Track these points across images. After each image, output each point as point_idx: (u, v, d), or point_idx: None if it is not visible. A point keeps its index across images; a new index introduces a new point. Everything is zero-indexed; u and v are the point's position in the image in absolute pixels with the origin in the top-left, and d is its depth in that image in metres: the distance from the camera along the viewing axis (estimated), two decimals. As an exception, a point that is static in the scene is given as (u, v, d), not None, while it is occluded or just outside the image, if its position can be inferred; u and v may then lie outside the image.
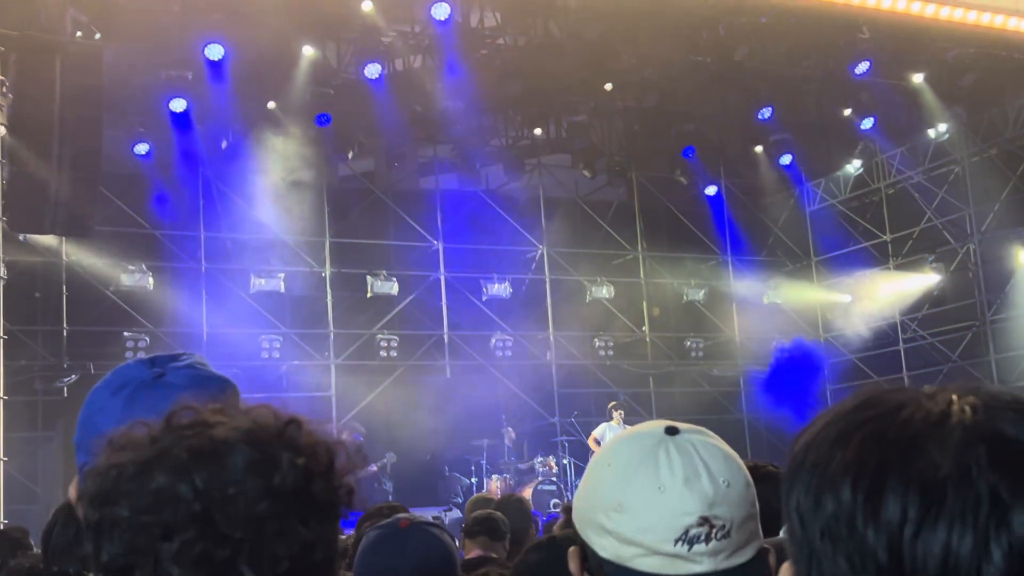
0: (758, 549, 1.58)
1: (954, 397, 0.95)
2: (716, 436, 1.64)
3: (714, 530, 1.51)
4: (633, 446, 1.60)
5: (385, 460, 15.80)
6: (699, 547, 1.51)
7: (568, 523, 4.34)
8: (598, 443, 16.79)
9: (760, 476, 2.75)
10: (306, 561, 1.22)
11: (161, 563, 1.17)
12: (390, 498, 15.57)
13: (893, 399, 0.97)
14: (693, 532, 1.51)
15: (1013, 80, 17.90)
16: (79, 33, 13.64)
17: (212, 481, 1.20)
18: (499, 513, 5.00)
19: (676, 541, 1.51)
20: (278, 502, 1.21)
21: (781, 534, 1.60)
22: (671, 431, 1.59)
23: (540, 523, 8.69)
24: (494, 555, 4.85)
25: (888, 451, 0.92)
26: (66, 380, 15.83)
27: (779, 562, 1.16)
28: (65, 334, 16.28)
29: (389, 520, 3.12)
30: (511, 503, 5.83)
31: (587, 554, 1.61)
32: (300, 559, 1.21)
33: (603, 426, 16.53)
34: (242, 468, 1.21)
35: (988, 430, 0.91)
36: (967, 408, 0.93)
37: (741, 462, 1.61)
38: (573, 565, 1.63)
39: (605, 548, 1.57)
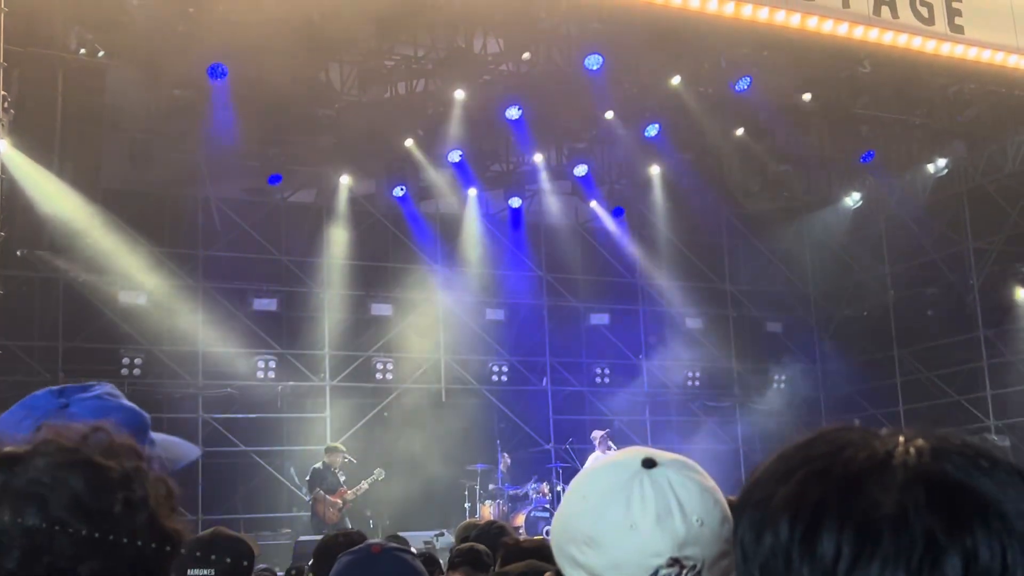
0: None
1: (901, 439, 0.94)
2: (697, 468, 1.62)
3: (684, 570, 1.50)
4: (608, 478, 1.58)
5: (374, 475, 15.77)
6: None
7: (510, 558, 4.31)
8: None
9: None
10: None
11: None
12: (371, 524, 15.55)
13: (842, 438, 0.96)
14: (663, 572, 1.50)
15: (1013, 116, 17.96)
16: (83, 50, 13.72)
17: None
18: (482, 545, 4.99)
19: None
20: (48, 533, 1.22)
21: None
22: (648, 464, 1.57)
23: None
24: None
25: (828, 489, 0.91)
26: (60, 397, 15.78)
27: None
28: (61, 350, 16.28)
29: (361, 546, 3.13)
30: (492, 530, 5.80)
31: None
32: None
33: (594, 455, 16.55)
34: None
35: (931, 473, 0.90)
36: (912, 450, 0.93)
37: (720, 497, 1.59)
38: None
39: None
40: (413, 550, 3.27)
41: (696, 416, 20.72)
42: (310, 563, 4.96)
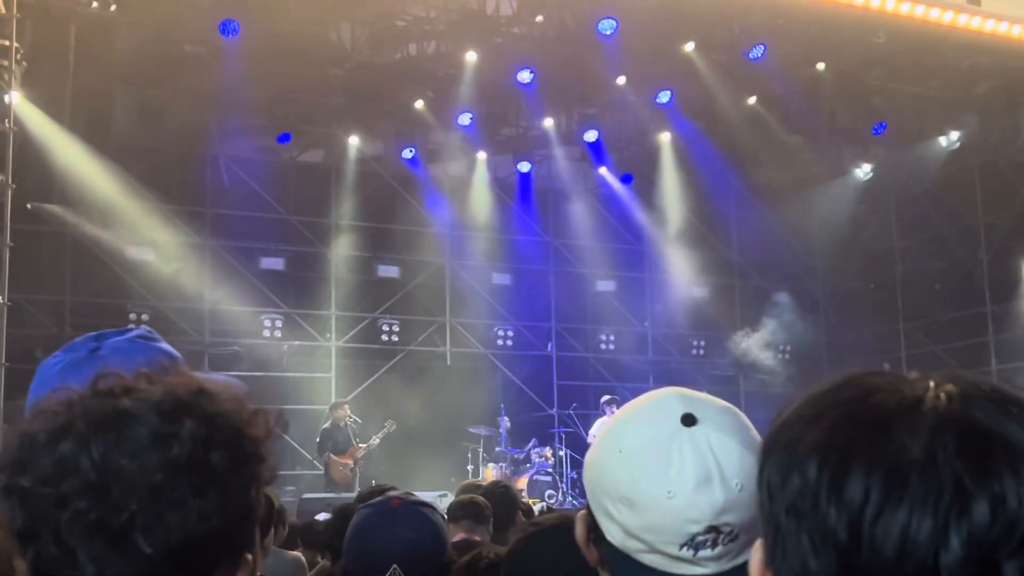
0: None
1: (931, 384, 0.94)
2: (738, 418, 1.58)
3: (722, 536, 1.48)
4: (646, 432, 1.54)
5: (386, 427, 15.86)
6: (705, 552, 1.48)
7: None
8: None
9: None
10: (202, 531, 1.22)
11: (60, 531, 1.19)
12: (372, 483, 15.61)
13: (871, 382, 0.96)
14: (700, 539, 1.48)
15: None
16: (95, 3, 13.65)
17: (109, 451, 1.21)
18: (481, 497, 5.01)
19: (682, 546, 1.48)
20: (173, 473, 1.21)
21: None
22: (688, 420, 1.53)
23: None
24: (477, 538, 4.87)
25: (857, 432, 0.91)
26: (65, 351, 15.82)
27: None
28: (68, 304, 16.32)
29: (380, 499, 3.13)
30: (497, 490, 5.85)
31: (595, 526, 1.58)
32: (195, 530, 1.21)
33: (599, 422, 16.61)
34: (142, 439, 1.21)
35: (960, 418, 0.90)
36: (942, 395, 0.92)
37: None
38: (580, 530, 1.61)
39: (612, 535, 1.55)
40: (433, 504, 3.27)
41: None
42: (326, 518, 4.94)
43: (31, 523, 1.21)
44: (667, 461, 1.49)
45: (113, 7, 13.73)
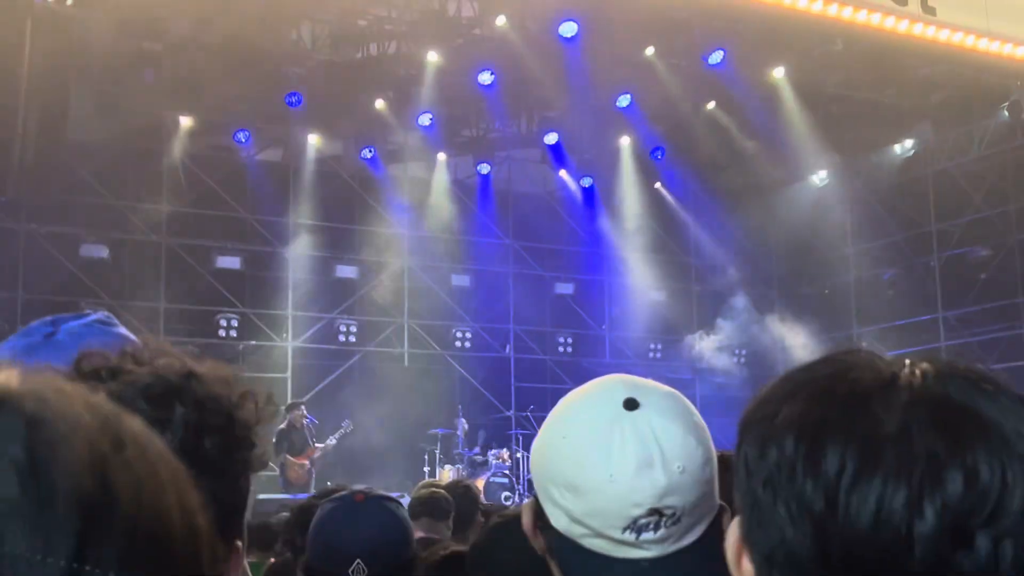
0: (710, 522, 1.55)
1: (907, 362, 0.97)
2: (681, 402, 1.60)
3: (664, 519, 1.49)
4: (588, 416, 1.55)
5: (343, 427, 15.77)
6: (647, 535, 1.49)
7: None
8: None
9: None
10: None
11: None
12: (328, 485, 15.52)
13: (848, 359, 0.99)
14: (642, 522, 1.49)
15: (981, 100, 18.10)
16: (51, -3, 13.49)
17: None
18: (442, 491, 4.97)
19: (624, 529, 1.49)
20: None
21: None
22: (630, 404, 1.54)
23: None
24: (436, 536, 4.84)
25: (833, 406, 0.94)
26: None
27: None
28: (20, 302, 16.09)
29: (344, 493, 3.11)
30: (458, 489, 5.83)
31: (542, 513, 1.59)
32: None
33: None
34: None
35: (934, 394, 0.93)
36: (918, 372, 0.95)
37: (703, 434, 1.57)
38: (527, 518, 1.61)
39: (558, 521, 1.56)
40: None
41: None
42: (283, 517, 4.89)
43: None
44: (608, 445, 1.50)
45: (70, 1, 13.56)
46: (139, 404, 1.18)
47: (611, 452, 1.50)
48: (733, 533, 1.04)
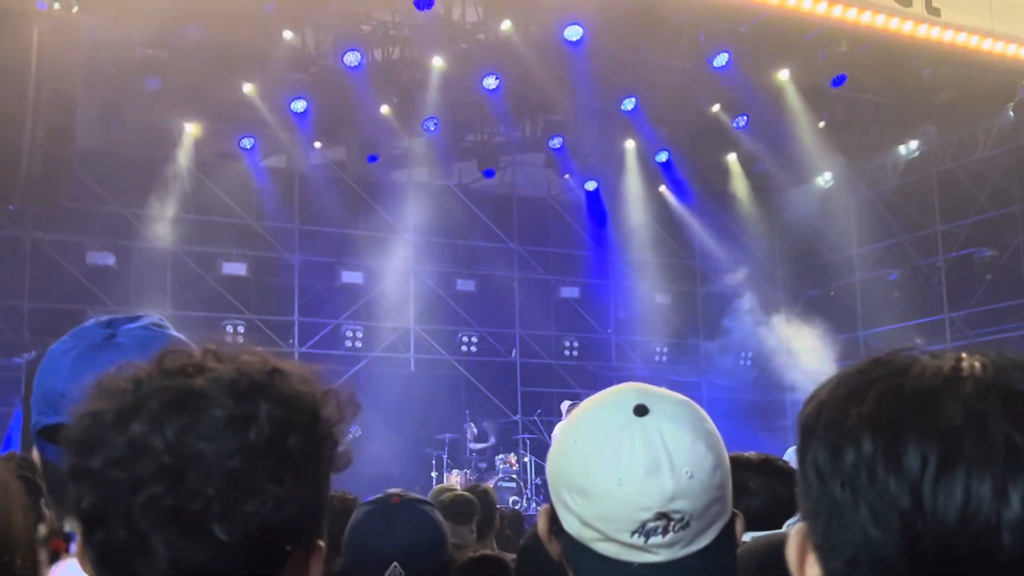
0: (721, 528, 1.57)
1: (963, 355, 0.99)
2: (692, 409, 1.62)
3: (672, 523, 1.51)
4: (599, 424, 1.58)
5: (351, 433, 15.69)
6: (656, 539, 1.51)
7: None
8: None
9: (772, 470, 2.77)
10: (279, 517, 1.17)
11: (132, 516, 1.14)
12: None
13: (902, 359, 1.01)
14: (650, 526, 1.51)
15: (985, 101, 18.09)
16: (57, 5, 13.48)
17: (184, 434, 1.15)
18: (469, 494, 4.96)
19: (633, 533, 1.51)
20: (251, 458, 1.16)
21: (785, 526, 1.61)
22: (640, 411, 1.57)
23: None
24: (460, 541, 4.82)
25: (904, 403, 0.95)
26: (25, 356, 15.64)
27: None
28: (27, 310, 16.09)
29: (380, 496, 3.12)
30: (476, 493, 5.81)
31: (556, 519, 1.62)
32: (272, 516, 1.17)
33: (559, 426, 16.69)
34: (218, 422, 1.17)
35: (999, 384, 0.95)
36: (977, 365, 0.97)
37: (715, 442, 1.59)
38: (542, 524, 1.64)
39: (569, 525, 1.58)
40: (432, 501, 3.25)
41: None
42: None
43: (100, 506, 1.16)
44: (618, 449, 1.53)
45: (75, 8, 13.57)
46: (224, 400, 1.18)
47: (620, 456, 1.53)
48: (795, 542, 1.04)
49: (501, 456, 17.07)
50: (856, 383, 1.00)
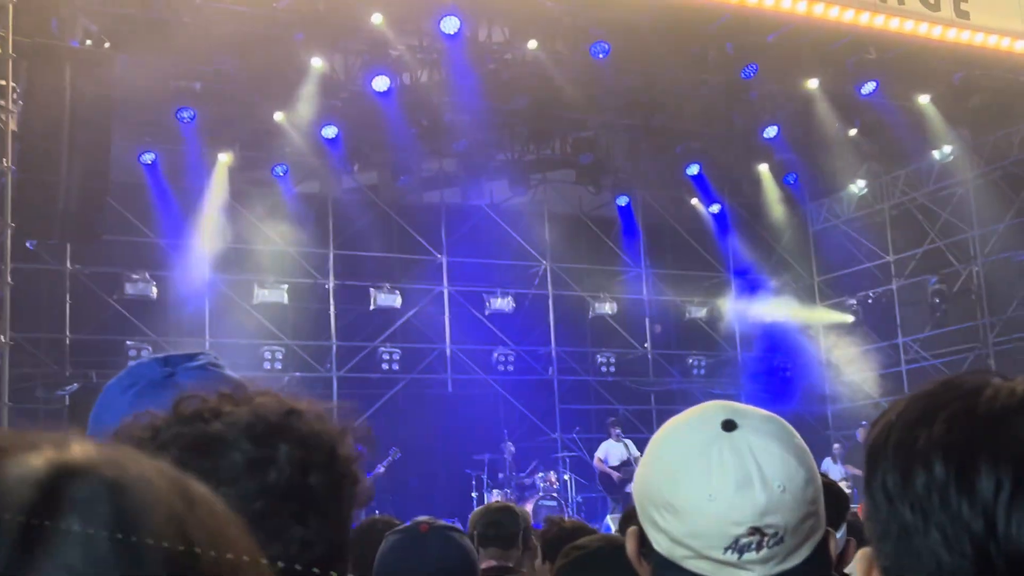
0: (816, 544, 1.54)
1: None
2: (782, 426, 1.58)
3: (766, 538, 1.48)
4: (686, 440, 1.55)
5: (391, 455, 15.82)
6: (749, 555, 1.48)
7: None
8: (603, 462, 16.93)
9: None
10: (305, 558, 1.16)
11: None
12: (376, 514, 15.54)
13: (971, 382, 1.00)
14: (744, 541, 1.47)
15: (1019, 103, 17.93)
16: (89, 42, 13.68)
17: (205, 480, 1.17)
18: (505, 512, 4.91)
19: (726, 549, 1.48)
20: (273, 500, 1.16)
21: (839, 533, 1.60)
22: (728, 426, 1.53)
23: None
24: (510, 564, 4.80)
25: (977, 427, 0.95)
26: (68, 389, 15.79)
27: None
28: (68, 342, 16.26)
29: (409, 524, 3.11)
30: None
31: (644, 540, 1.59)
32: (298, 558, 1.16)
33: (604, 444, 16.72)
34: (237, 466, 1.17)
35: None
36: None
37: (807, 457, 1.55)
38: (631, 545, 1.61)
39: (659, 544, 1.56)
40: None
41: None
42: None
43: None
44: (707, 464, 1.50)
45: (107, 44, 13.76)
46: (242, 444, 1.19)
47: (710, 471, 1.50)
48: (862, 565, 1.04)
49: (541, 475, 17.03)
50: (926, 405, 0.99)
